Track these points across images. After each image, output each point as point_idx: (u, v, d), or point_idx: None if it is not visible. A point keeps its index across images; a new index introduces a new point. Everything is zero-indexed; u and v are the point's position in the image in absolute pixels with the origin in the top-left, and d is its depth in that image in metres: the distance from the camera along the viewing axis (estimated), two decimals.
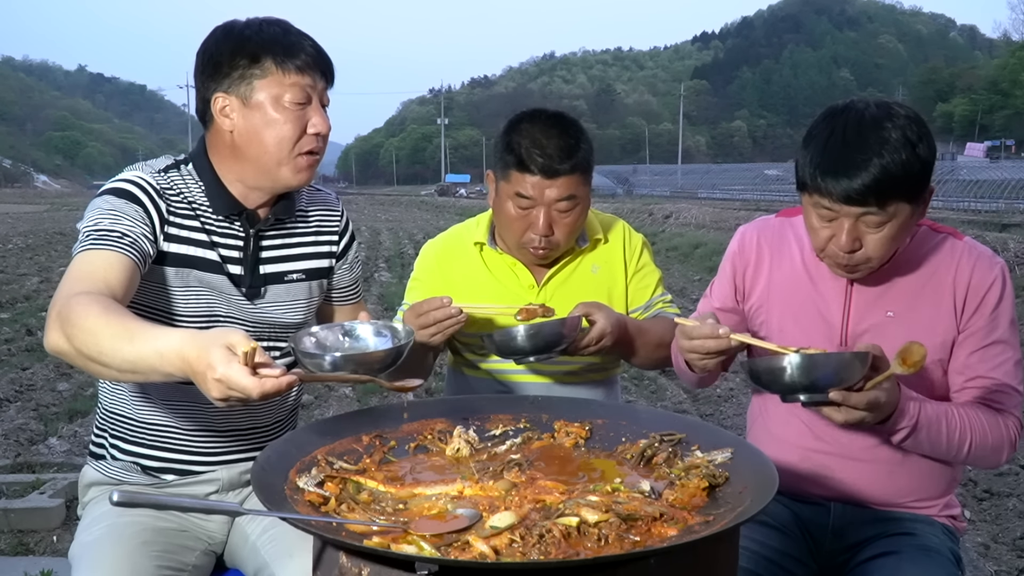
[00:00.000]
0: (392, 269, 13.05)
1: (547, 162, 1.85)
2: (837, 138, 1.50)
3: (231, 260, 1.69)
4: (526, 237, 1.94)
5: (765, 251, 1.81)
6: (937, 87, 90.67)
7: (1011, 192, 24.68)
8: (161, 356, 1.23)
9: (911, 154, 1.47)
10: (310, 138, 1.64)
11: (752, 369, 1.46)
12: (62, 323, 1.33)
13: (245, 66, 1.59)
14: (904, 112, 1.52)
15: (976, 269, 1.64)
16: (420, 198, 51.59)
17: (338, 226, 1.89)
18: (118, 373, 1.30)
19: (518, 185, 1.89)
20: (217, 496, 1.76)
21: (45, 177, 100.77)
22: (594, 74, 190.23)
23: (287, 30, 1.64)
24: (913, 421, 1.51)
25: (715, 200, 32.60)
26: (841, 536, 1.76)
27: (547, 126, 1.89)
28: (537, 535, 1.08)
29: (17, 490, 3.78)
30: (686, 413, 4.81)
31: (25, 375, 6.17)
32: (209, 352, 1.17)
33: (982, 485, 4.09)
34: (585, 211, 1.98)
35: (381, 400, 5.45)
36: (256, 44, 1.59)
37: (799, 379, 1.38)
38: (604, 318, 1.87)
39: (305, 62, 1.61)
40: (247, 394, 1.17)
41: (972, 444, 1.58)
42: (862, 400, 1.41)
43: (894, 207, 1.50)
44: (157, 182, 1.63)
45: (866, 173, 1.46)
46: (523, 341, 1.77)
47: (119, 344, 1.27)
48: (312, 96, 1.63)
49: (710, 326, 1.56)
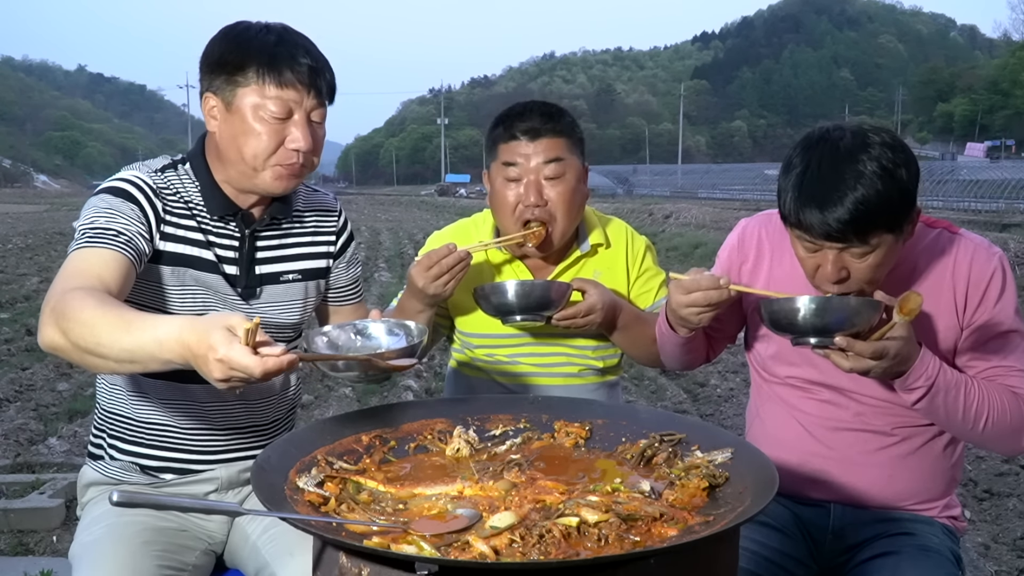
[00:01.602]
0: (392, 269, 13.04)
1: (530, 124, 1.91)
2: (813, 172, 1.47)
3: (227, 260, 1.69)
4: (519, 212, 1.93)
5: (766, 247, 1.80)
6: (937, 87, 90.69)
7: (1011, 192, 24.70)
8: (160, 343, 1.23)
9: (889, 184, 1.43)
10: (288, 152, 1.60)
11: (768, 309, 1.50)
12: (57, 318, 1.33)
13: (230, 71, 1.57)
14: (879, 139, 1.47)
15: (974, 262, 1.62)
16: (420, 198, 51.57)
17: (335, 226, 1.88)
18: (116, 364, 1.30)
19: (505, 154, 1.93)
20: (216, 495, 1.76)
21: (45, 177, 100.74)
22: (594, 74, 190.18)
23: (282, 40, 1.59)
24: (931, 381, 1.50)
25: (715, 200, 32.61)
26: (841, 537, 1.75)
27: (530, 103, 1.97)
28: (537, 535, 1.09)
29: (17, 490, 3.78)
30: (686, 413, 4.81)
31: (25, 375, 6.17)
32: (209, 334, 1.18)
33: (982, 485, 4.09)
34: (579, 185, 1.97)
35: (381, 400, 5.45)
36: (244, 51, 1.57)
37: (810, 320, 1.43)
38: (597, 295, 1.89)
39: (290, 78, 1.56)
40: (249, 373, 1.16)
41: (990, 420, 1.55)
42: (867, 348, 1.42)
43: (876, 239, 1.47)
44: (154, 181, 1.64)
45: (842, 208, 1.43)
46: (512, 296, 1.83)
47: (117, 334, 1.27)
48: (295, 111, 1.59)
49: (709, 277, 1.57)
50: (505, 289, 1.85)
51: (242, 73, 1.56)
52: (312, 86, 1.59)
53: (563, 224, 1.96)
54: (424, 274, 1.81)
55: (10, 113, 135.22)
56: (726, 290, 1.56)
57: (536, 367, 2.06)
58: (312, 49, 1.62)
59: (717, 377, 6.07)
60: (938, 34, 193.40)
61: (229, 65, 1.57)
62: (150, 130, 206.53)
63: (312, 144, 1.62)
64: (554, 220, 1.94)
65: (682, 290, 1.61)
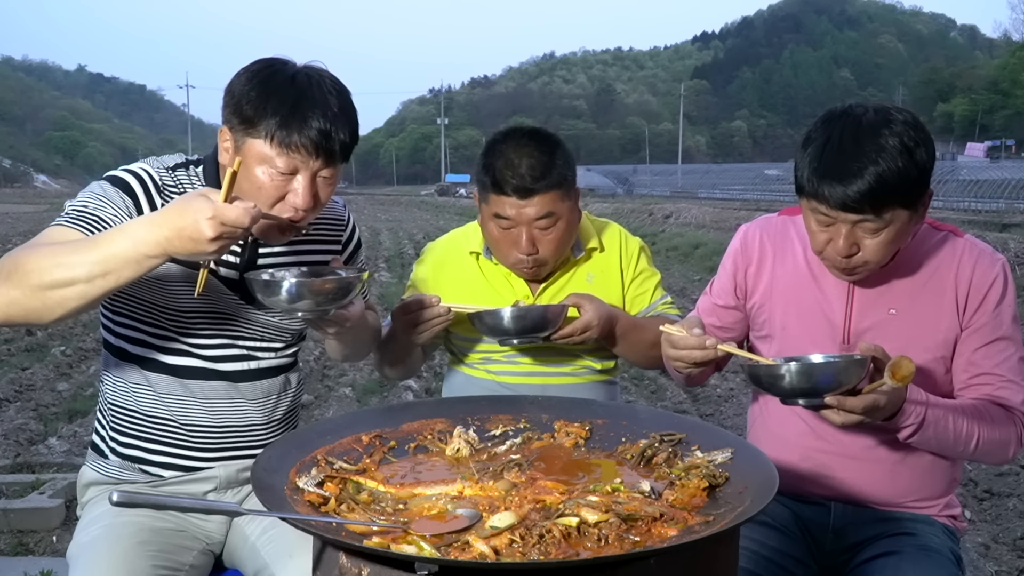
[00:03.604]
0: (392, 269, 13.05)
1: (520, 182, 1.85)
2: (834, 144, 1.49)
3: (226, 264, 1.69)
4: (513, 257, 1.94)
5: (768, 249, 1.81)
6: (937, 87, 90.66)
7: (1011, 192, 24.67)
8: (135, 240, 1.30)
9: (908, 161, 1.47)
10: (288, 207, 1.56)
11: (752, 373, 1.49)
12: (8, 274, 1.34)
13: (244, 118, 1.53)
14: (903, 117, 1.51)
15: (978, 266, 1.64)
16: (420, 198, 51.58)
17: (342, 235, 1.88)
18: (86, 284, 1.32)
19: (496, 207, 1.90)
20: (215, 494, 1.76)
21: (45, 177, 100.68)
22: (594, 74, 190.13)
23: (301, 99, 1.52)
24: (919, 419, 1.51)
25: (715, 200, 32.58)
26: (841, 536, 1.76)
27: (521, 144, 1.89)
28: (537, 535, 1.09)
29: (17, 490, 3.78)
30: (686, 413, 4.81)
31: (25, 375, 6.18)
32: (191, 203, 1.29)
33: (982, 485, 4.09)
34: (570, 226, 1.97)
35: (381, 400, 5.45)
36: (260, 103, 1.51)
37: (797, 385, 1.42)
38: (592, 310, 1.89)
39: (298, 142, 1.51)
40: (240, 223, 1.29)
41: (980, 440, 1.57)
42: (858, 404, 1.41)
43: (891, 214, 1.49)
44: (161, 178, 1.63)
45: (862, 181, 1.46)
46: (509, 322, 1.83)
47: (83, 252, 1.32)
48: (300, 170, 1.54)
49: (697, 337, 1.57)
50: (501, 316, 1.83)
51: (254, 126, 1.52)
52: (321, 150, 1.53)
53: (554, 261, 1.99)
54: (402, 318, 1.85)
55: (10, 113, 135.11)
56: (712, 351, 1.57)
57: (534, 367, 2.07)
58: (331, 107, 1.54)
59: (717, 377, 6.07)
60: (938, 34, 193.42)
61: (244, 112, 1.53)
62: (150, 130, 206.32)
63: (313, 204, 1.57)
64: (546, 262, 1.96)
65: (671, 345, 1.62)
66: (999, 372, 1.63)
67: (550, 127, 2.19)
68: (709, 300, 1.90)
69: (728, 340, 1.91)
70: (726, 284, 1.86)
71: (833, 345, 1.69)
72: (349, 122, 1.57)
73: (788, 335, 1.75)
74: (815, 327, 1.71)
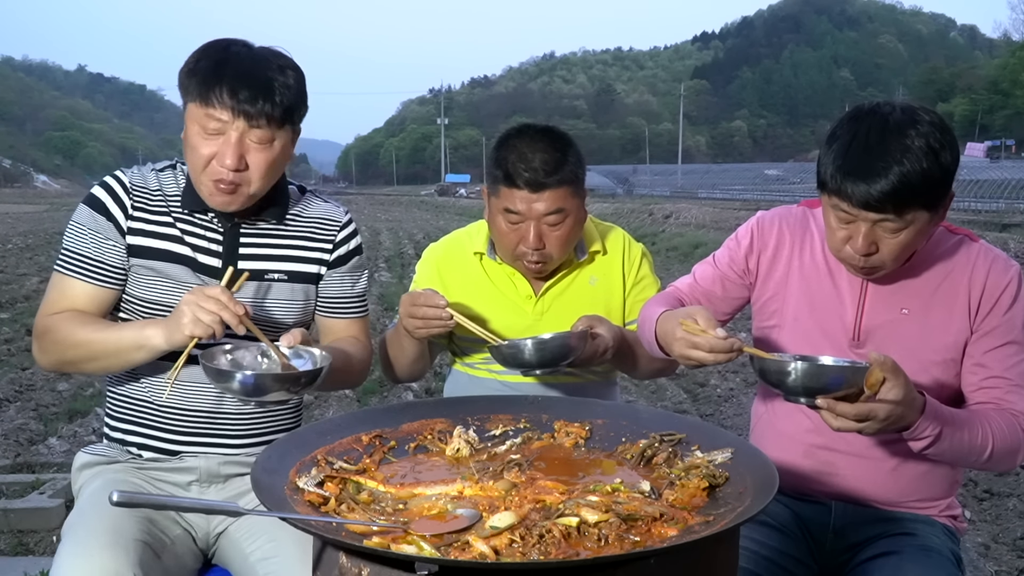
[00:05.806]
0: (392, 269, 13.05)
1: (533, 176, 1.86)
2: (860, 142, 1.48)
3: (208, 252, 1.74)
4: (519, 251, 1.94)
5: (786, 238, 1.79)
6: (937, 87, 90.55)
7: (1011, 192, 24.66)
8: (151, 352, 1.60)
9: (933, 163, 1.46)
10: (217, 169, 1.62)
11: (762, 368, 1.48)
12: (40, 336, 1.66)
13: (182, 85, 1.65)
14: (929, 118, 1.50)
15: (992, 271, 1.64)
16: (420, 198, 51.62)
17: (334, 236, 1.88)
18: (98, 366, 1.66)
19: (507, 200, 1.90)
20: (198, 488, 1.79)
21: (45, 177, 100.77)
22: (594, 74, 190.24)
23: (224, 63, 1.61)
24: (936, 432, 1.49)
25: (715, 200, 32.55)
26: (842, 536, 1.75)
27: (534, 140, 1.91)
28: (537, 535, 1.09)
29: (17, 490, 3.78)
30: (686, 413, 4.81)
31: (25, 375, 6.17)
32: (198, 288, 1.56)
33: (982, 485, 4.09)
34: (577, 224, 1.97)
35: (381, 400, 5.45)
36: (194, 66, 1.63)
37: (801, 383, 1.42)
38: (607, 331, 1.89)
39: (216, 102, 1.59)
40: (215, 295, 1.52)
41: (993, 449, 1.55)
42: (851, 411, 1.40)
43: (912, 214, 1.49)
44: (131, 179, 1.74)
45: (885, 180, 1.45)
46: (530, 355, 1.80)
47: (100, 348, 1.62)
48: (227, 130, 1.61)
49: (723, 340, 1.51)
50: (522, 347, 1.80)
51: (187, 92, 1.64)
52: (239, 111, 1.60)
53: (559, 258, 1.99)
54: (406, 308, 1.87)
55: (10, 113, 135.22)
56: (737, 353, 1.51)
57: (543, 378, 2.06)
58: (259, 73, 1.62)
59: (717, 377, 6.07)
60: (938, 34, 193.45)
61: (182, 80, 1.65)
62: (150, 130, 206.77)
63: (239, 164, 1.62)
64: (551, 258, 1.96)
65: (691, 346, 1.54)
66: (1008, 376, 1.62)
67: None
68: (714, 270, 1.86)
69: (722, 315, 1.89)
70: (737, 257, 1.82)
71: (843, 340, 1.69)
72: (278, 91, 1.62)
73: (799, 327, 1.74)
74: (827, 321, 1.71)
